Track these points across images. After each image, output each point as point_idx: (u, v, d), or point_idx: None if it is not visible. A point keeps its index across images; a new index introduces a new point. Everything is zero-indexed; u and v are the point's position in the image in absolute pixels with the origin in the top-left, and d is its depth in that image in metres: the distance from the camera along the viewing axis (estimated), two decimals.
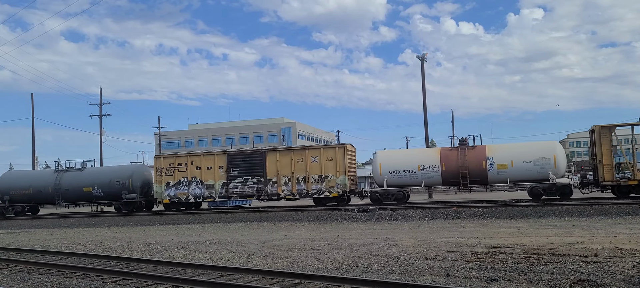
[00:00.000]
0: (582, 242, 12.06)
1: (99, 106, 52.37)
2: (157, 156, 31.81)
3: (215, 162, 29.77)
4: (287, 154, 28.92)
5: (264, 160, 29.03)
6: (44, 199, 33.57)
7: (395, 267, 9.66)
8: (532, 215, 19.68)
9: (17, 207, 33.44)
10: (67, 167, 33.80)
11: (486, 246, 12.02)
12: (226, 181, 29.44)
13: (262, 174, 28.89)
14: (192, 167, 30.05)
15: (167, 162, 30.64)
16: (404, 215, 21.65)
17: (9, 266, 12.11)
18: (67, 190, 32.52)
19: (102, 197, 32.29)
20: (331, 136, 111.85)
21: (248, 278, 9.27)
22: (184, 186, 30.18)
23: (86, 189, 32.16)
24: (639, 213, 18.85)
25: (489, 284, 7.93)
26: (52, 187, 32.69)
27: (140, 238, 18.09)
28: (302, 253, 12.17)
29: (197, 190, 29.95)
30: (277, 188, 28.67)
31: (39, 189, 33.12)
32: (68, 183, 32.55)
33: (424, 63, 41.98)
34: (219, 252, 13.04)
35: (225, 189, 29.46)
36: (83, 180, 32.52)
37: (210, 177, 29.76)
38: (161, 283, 9.18)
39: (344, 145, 28.60)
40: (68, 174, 33.03)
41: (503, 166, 26.48)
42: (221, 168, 29.56)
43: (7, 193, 33.66)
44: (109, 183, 31.79)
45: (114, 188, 31.61)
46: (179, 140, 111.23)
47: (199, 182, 29.93)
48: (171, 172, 30.33)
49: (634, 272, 8.33)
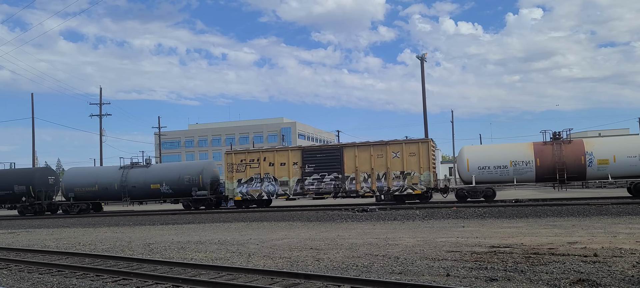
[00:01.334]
0: (581, 242, 12.07)
1: (99, 106, 52.38)
2: (228, 152, 30.58)
3: (289, 158, 28.81)
4: (366, 149, 27.76)
5: (341, 155, 28.02)
6: (109, 196, 32.92)
7: (395, 267, 9.67)
8: (531, 215, 19.69)
9: (82, 204, 32.75)
10: (132, 163, 33.07)
11: (486, 246, 12.03)
12: (301, 178, 28.48)
13: (340, 170, 27.89)
14: (265, 163, 29.06)
15: (238, 158, 29.66)
16: (404, 215, 21.66)
17: (9, 266, 12.12)
18: (134, 187, 31.81)
19: (170, 194, 31.57)
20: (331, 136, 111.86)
21: (248, 278, 9.27)
22: (257, 183, 29.19)
23: (154, 186, 31.49)
24: (638, 213, 18.86)
25: (488, 284, 7.94)
26: (118, 183, 32.00)
27: (140, 238, 18.10)
28: (302, 253, 12.18)
29: (270, 187, 28.96)
30: (356, 185, 27.72)
31: (104, 186, 32.36)
32: (135, 180, 31.83)
33: (423, 63, 42.00)
34: (219, 252, 13.05)
35: (300, 186, 28.52)
36: (150, 176, 31.80)
37: (284, 174, 28.76)
38: (161, 283, 9.18)
39: (428, 140, 27.63)
40: (134, 171, 32.32)
41: (604, 161, 25.30)
42: (295, 165, 28.59)
43: (72, 191, 32.89)
44: (178, 179, 31.08)
45: (183, 185, 30.90)
46: (179, 140, 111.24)
47: (272, 179, 28.94)
48: (243, 169, 29.39)
49: (633, 271, 8.33)
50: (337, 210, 24.82)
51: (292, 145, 29.42)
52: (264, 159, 29.16)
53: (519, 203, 24.60)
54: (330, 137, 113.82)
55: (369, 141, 27.89)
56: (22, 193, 33.42)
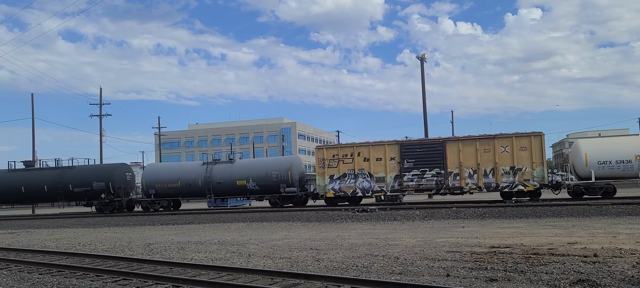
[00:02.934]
0: (581, 242, 12.07)
1: (99, 106, 52.39)
2: (319, 147, 29.51)
3: (386, 153, 27.51)
4: (472, 144, 26.50)
5: (444, 150, 26.74)
6: (192, 193, 32.04)
7: (395, 267, 9.67)
8: (531, 215, 19.69)
9: (164, 201, 31.91)
10: (214, 159, 32.33)
11: (486, 246, 12.03)
12: (399, 174, 27.23)
13: (442, 166, 26.64)
14: (359, 158, 27.83)
15: (330, 153, 28.49)
16: (404, 215, 21.66)
17: (9, 266, 12.12)
18: (219, 183, 30.77)
19: (256, 191, 30.64)
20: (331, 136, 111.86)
21: (248, 278, 9.28)
22: (350, 179, 27.96)
23: (240, 182, 30.55)
24: (638, 213, 18.87)
25: (488, 284, 7.94)
26: (203, 180, 30.95)
27: (140, 238, 18.10)
28: (302, 253, 12.18)
29: (365, 183, 27.73)
30: (460, 181, 26.41)
31: (187, 182, 31.30)
32: (219, 176, 30.84)
33: (423, 63, 42.00)
34: (219, 252, 13.05)
35: (399, 182, 27.28)
36: (236, 172, 30.88)
37: (380, 169, 27.51)
38: (161, 283, 9.18)
39: (541, 133, 26.11)
40: (218, 167, 31.41)
41: None
42: (393, 160, 27.36)
43: (153, 187, 31.92)
44: (266, 176, 30.13)
45: (271, 182, 29.95)
46: (179, 140, 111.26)
47: (368, 175, 27.69)
48: (335, 164, 28.17)
49: (633, 272, 8.34)
50: (337, 210, 24.82)
51: (389, 140, 27.99)
52: (358, 154, 27.93)
53: (519, 203, 24.59)
54: (331, 138, 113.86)
55: (474, 135, 26.80)
56: (101, 190, 32.37)
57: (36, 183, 33.36)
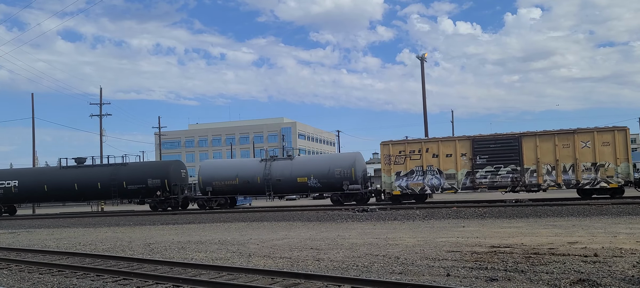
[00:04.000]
0: (582, 242, 12.07)
1: (100, 106, 52.42)
2: (385, 142, 27.94)
3: (456, 149, 26.54)
4: (550, 139, 25.45)
5: (519, 146, 25.72)
6: (251, 190, 31.27)
7: (395, 267, 9.68)
8: (532, 215, 19.70)
9: (221, 198, 30.96)
10: (272, 156, 31.61)
11: (486, 246, 12.04)
12: (471, 170, 26.21)
13: (518, 162, 25.66)
14: (428, 154, 26.85)
15: (396, 149, 27.39)
16: (404, 215, 21.67)
17: (10, 266, 12.13)
18: (279, 180, 29.91)
19: (318, 188, 29.84)
20: (331, 136, 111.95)
21: (248, 278, 9.28)
22: (418, 176, 26.93)
23: (300, 179, 29.65)
24: (638, 213, 18.87)
25: (488, 284, 7.95)
26: (261, 177, 30.14)
27: (140, 238, 18.12)
28: (302, 253, 12.19)
29: (434, 180, 26.70)
30: (538, 178, 25.39)
31: (246, 179, 30.46)
32: (279, 173, 29.98)
33: (423, 63, 42.02)
34: (219, 252, 13.06)
35: (470, 179, 26.25)
36: (297, 169, 30.05)
37: (450, 166, 26.55)
38: (161, 283, 9.19)
39: (625, 128, 25.07)
40: (278, 163, 30.55)
41: None
42: (464, 156, 26.36)
43: (210, 185, 31.00)
44: (328, 173, 29.31)
45: (334, 179, 29.10)
46: (179, 140, 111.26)
47: (437, 171, 26.70)
48: (402, 161, 27.14)
49: (633, 271, 8.34)
50: (337, 210, 24.83)
51: (459, 135, 27.16)
52: (426, 150, 26.95)
53: (519, 203, 24.59)
54: (331, 137, 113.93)
55: (552, 130, 26.06)
56: (156, 187, 31.73)
57: (89, 181, 32.86)
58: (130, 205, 37.82)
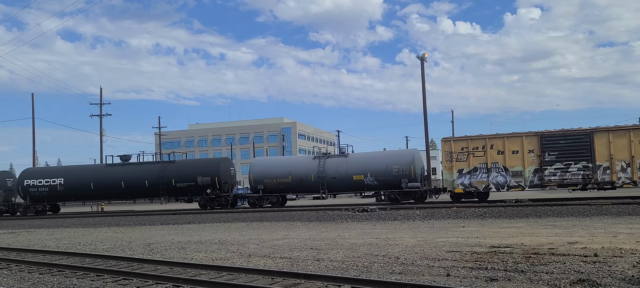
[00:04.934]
0: (582, 242, 12.07)
1: (100, 106, 52.41)
2: (446, 139, 27.44)
3: (523, 145, 25.78)
4: (624, 135, 24.77)
5: (591, 142, 25.00)
6: (304, 189, 30.60)
7: (395, 267, 9.67)
8: (532, 215, 19.70)
9: (273, 197, 30.28)
10: (324, 153, 31.00)
11: (486, 246, 12.03)
12: (539, 167, 25.47)
13: (589, 159, 24.96)
14: (492, 151, 26.11)
15: (458, 146, 26.74)
16: (404, 215, 21.67)
17: (10, 266, 12.13)
18: (334, 178, 29.16)
19: (374, 186, 29.09)
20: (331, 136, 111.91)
21: (248, 278, 9.28)
22: (482, 173, 26.23)
23: (356, 177, 28.86)
24: (638, 213, 18.87)
25: (488, 284, 7.95)
26: (315, 174, 29.35)
27: (140, 238, 18.11)
28: (302, 253, 12.19)
29: (499, 177, 25.97)
30: (611, 175, 24.72)
31: (299, 177, 29.72)
32: (334, 171, 29.24)
33: (423, 63, 41.99)
34: (219, 252, 13.06)
35: (539, 177, 25.52)
36: (352, 167, 29.28)
37: (516, 163, 25.79)
38: (161, 283, 9.19)
39: None
40: (332, 160, 29.87)
41: None
42: (531, 152, 25.61)
43: (261, 182, 30.31)
44: (385, 170, 28.47)
45: (392, 176, 28.31)
46: (179, 140, 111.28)
47: (502, 169, 25.95)
48: (464, 158, 26.51)
49: (633, 271, 8.34)
50: (337, 210, 24.83)
51: (526, 131, 26.39)
52: (491, 146, 26.18)
53: (519, 203, 24.59)
54: (331, 137, 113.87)
55: (627, 125, 25.60)
56: (206, 185, 31.03)
57: (136, 178, 32.31)
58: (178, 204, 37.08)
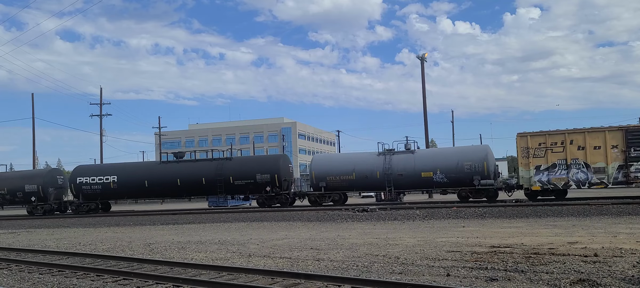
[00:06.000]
0: (582, 242, 12.07)
1: (100, 106, 52.41)
2: (523, 134, 26.24)
3: (606, 140, 24.72)
4: None
5: None
6: (368, 186, 29.77)
7: (395, 267, 9.68)
8: (532, 215, 19.70)
9: (335, 194, 29.45)
10: (388, 149, 29.71)
11: (486, 246, 12.03)
12: (624, 163, 24.41)
13: None
14: (572, 146, 25.08)
15: (535, 141, 25.71)
16: (404, 215, 21.67)
17: (10, 266, 12.13)
18: (401, 175, 28.23)
19: (444, 184, 28.13)
20: (331, 136, 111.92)
21: (248, 278, 9.28)
22: (561, 170, 25.22)
23: (425, 174, 28.00)
24: (638, 213, 18.87)
25: (489, 284, 7.95)
26: (381, 172, 28.46)
27: (140, 238, 18.12)
28: (302, 253, 12.19)
29: (580, 174, 24.94)
30: None
31: (364, 174, 28.82)
32: (401, 168, 28.32)
33: (423, 63, 42.01)
34: (220, 252, 13.06)
35: (624, 173, 24.46)
36: (420, 164, 28.32)
37: (598, 159, 24.78)
38: (162, 283, 9.19)
39: None
40: (398, 157, 28.82)
41: None
42: (615, 148, 24.56)
43: (324, 180, 29.48)
44: (456, 167, 27.59)
45: (463, 174, 27.42)
46: (179, 140, 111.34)
47: (583, 165, 24.93)
48: (542, 153, 25.49)
49: (633, 271, 8.34)
50: (337, 210, 24.82)
51: (608, 125, 24.88)
52: (570, 142, 25.14)
53: (519, 203, 24.59)
54: (331, 137, 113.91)
55: None
56: (265, 183, 30.34)
57: (193, 176, 31.58)
58: None
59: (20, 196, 33.92)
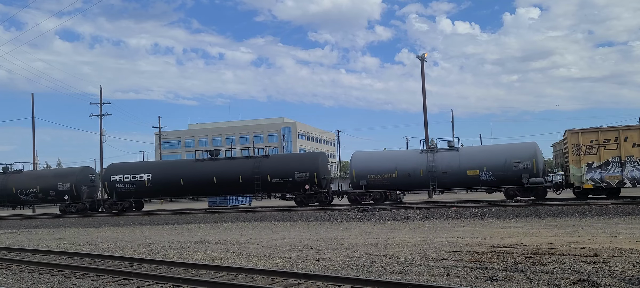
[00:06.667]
0: (582, 242, 12.07)
1: (100, 106, 52.40)
2: (573, 131, 25.61)
3: None
4: None
5: None
6: (411, 184, 29.02)
7: (395, 267, 9.68)
8: (532, 215, 19.69)
9: (376, 193, 28.65)
10: (433, 147, 29.21)
11: (486, 246, 12.04)
12: None
13: None
14: (627, 143, 24.39)
15: (587, 138, 25.08)
16: (404, 215, 21.66)
17: (10, 266, 12.13)
18: (445, 173, 27.62)
19: (491, 182, 27.41)
20: (331, 136, 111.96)
21: (248, 277, 9.29)
22: (615, 168, 24.55)
23: (471, 172, 27.26)
24: (638, 213, 18.87)
25: (488, 284, 7.95)
26: (425, 169, 27.85)
27: (140, 238, 18.12)
28: (302, 252, 12.19)
29: (635, 172, 24.31)
30: None
31: (406, 172, 28.19)
32: (446, 165, 27.70)
33: (423, 63, 41.99)
34: (220, 252, 13.06)
35: None
36: (465, 161, 27.65)
37: None
38: (162, 283, 9.19)
39: None
40: (442, 154, 28.16)
41: None
42: None
43: (364, 178, 28.74)
44: (504, 165, 26.85)
45: (511, 171, 26.70)
46: (179, 140, 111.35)
47: (638, 162, 24.28)
48: (594, 151, 24.87)
49: (633, 271, 8.34)
50: (337, 210, 24.82)
51: None
52: (624, 139, 24.48)
53: (519, 203, 24.59)
54: (331, 137, 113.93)
55: None
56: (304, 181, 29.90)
57: (229, 174, 31.08)
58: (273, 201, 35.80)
59: (53, 195, 33.41)
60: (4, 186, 34.20)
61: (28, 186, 33.92)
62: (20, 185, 34.02)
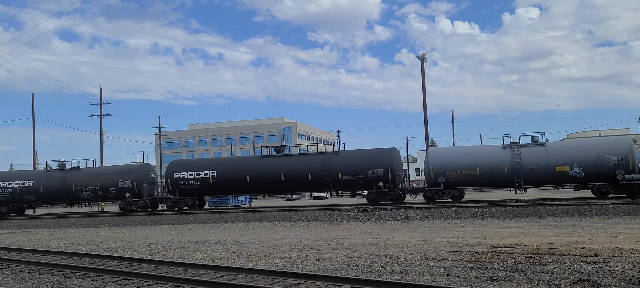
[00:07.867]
0: (582, 242, 12.07)
1: (100, 106, 52.40)
2: None
3: None
4: None
5: None
6: (494, 182, 27.91)
7: (395, 267, 9.68)
8: (532, 215, 19.70)
9: (454, 190, 27.68)
10: (514, 142, 27.74)
11: (486, 246, 12.03)
12: None
13: None
14: None
15: None
16: (404, 215, 21.66)
17: (10, 266, 12.13)
18: (532, 169, 26.55)
19: (581, 179, 26.15)
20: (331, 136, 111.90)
21: (248, 278, 9.29)
22: None
23: (560, 169, 26.19)
24: (638, 213, 18.87)
25: (489, 284, 7.95)
26: (509, 166, 26.86)
27: (140, 238, 18.11)
28: (302, 253, 12.19)
29: None
30: None
31: (489, 169, 27.25)
32: (532, 162, 26.66)
33: (423, 63, 41.98)
34: (220, 252, 13.06)
35: None
36: (554, 157, 26.53)
37: None
38: (162, 283, 9.19)
39: None
40: (528, 150, 27.09)
41: None
42: None
43: (443, 175, 27.74)
44: (596, 160, 25.62)
45: (604, 168, 25.50)
46: (179, 140, 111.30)
47: None
48: None
49: (634, 271, 8.34)
50: (337, 210, 24.83)
51: None
52: None
53: (519, 203, 24.58)
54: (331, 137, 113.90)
55: None
56: (377, 178, 28.80)
57: (298, 171, 30.22)
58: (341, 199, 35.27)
59: (114, 192, 32.46)
60: (64, 183, 33.20)
61: (88, 183, 32.87)
62: (80, 183, 33.03)
